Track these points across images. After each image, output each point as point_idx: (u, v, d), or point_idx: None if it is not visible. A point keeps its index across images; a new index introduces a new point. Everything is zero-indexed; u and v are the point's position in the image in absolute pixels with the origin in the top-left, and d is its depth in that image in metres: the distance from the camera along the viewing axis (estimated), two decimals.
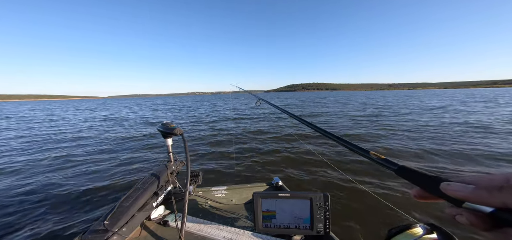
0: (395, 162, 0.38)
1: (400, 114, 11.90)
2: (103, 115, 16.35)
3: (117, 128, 9.51)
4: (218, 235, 1.01)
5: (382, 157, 0.42)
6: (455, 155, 4.43)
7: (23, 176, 3.71)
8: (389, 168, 0.38)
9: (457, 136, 6.09)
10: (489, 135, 6.09)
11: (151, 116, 14.60)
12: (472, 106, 15.61)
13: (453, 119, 9.25)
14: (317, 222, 0.92)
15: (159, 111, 20.06)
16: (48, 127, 10.08)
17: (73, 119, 13.49)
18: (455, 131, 6.79)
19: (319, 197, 0.93)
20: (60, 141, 6.87)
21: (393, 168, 0.37)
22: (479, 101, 20.94)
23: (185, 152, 1.19)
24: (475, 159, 4.17)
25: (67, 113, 19.43)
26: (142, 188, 1.08)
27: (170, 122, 1.25)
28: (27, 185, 3.27)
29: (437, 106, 16.40)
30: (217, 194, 1.40)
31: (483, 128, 7.02)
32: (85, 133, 8.23)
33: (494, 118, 9.13)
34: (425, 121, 8.89)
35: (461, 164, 3.94)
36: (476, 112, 11.75)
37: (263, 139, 6.42)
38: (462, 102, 19.49)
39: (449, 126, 7.69)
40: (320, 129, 0.75)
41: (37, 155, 5.11)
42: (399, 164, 0.36)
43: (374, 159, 0.44)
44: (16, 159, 4.78)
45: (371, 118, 10.54)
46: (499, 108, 13.23)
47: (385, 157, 0.41)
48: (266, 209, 0.98)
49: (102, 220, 0.89)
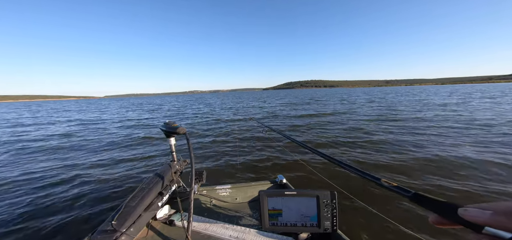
0: (408, 189, 0.38)
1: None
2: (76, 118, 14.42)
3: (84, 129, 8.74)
4: (224, 234, 1.01)
5: (394, 184, 0.43)
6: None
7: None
8: (403, 195, 0.38)
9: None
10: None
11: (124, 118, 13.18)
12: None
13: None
14: (324, 220, 0.92)
15: (139, 110, 18.79)
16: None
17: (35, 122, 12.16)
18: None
19: (326, 194, 0.93)
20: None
21: (407, 195, 0.37)
22: (487, 96, 20.17)
23: (189, 151, 1.18)
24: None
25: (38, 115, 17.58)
26: (147, 188, 1.07)
27: (173, 122, 1.24)
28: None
29: (453, 101, 15.64)
30: (222, 193, 1.40)
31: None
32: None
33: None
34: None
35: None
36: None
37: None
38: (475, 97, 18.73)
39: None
40: (332, 159, 0.77)
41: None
42: (412, 191, 0.36)
43: (386, 186, 0.45)
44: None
45: (407, 122, 7.94)
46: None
47: (397, 184, 0.42)
48: (272, 208, 0.98)
49: (110, 220, 0.88)
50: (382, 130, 6.73)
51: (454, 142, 4.88)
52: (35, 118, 15.11)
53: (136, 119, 12.75)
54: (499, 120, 7.42)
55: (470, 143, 4.79)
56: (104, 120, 12.71)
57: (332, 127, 7.58)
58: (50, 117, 15.57)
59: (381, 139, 5.48)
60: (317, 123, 8.61)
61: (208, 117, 12.41)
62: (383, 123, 7.86)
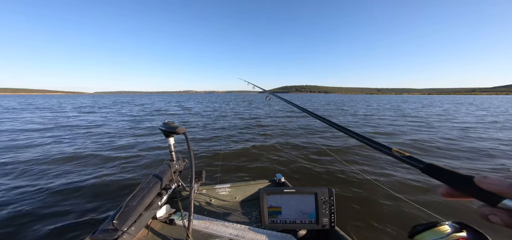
0: (421, 160, 0.36)
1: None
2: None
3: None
4: (225, 232, 1.03)
5: (406, 154, 0.41)
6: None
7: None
8: (415, 166, 0.37)
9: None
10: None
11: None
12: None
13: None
14: (322, 216, 0.95)
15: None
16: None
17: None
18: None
19: (323, 192, 0.96)
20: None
21: (419, 166, 0.35)
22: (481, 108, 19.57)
23: (189, 150, 1.19)
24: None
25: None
26: (147, 188, 1.07)
27: (172, 121, 1.25)
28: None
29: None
30: (221, 192, 1.41)
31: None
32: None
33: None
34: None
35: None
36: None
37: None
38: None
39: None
40: (341, 127, 0.70)
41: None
42: (425, 162, 0.34)
43: (397, 156, 0.42)
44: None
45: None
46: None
47: (409, 154, 0.40)
48: (271, 205, 1.00)
49: (111, 219, 0.88)
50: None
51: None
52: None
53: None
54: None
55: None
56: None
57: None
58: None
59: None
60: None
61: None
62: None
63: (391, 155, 0.44)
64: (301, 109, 1.18)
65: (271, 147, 5.27)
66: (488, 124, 9.28)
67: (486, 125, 8.86)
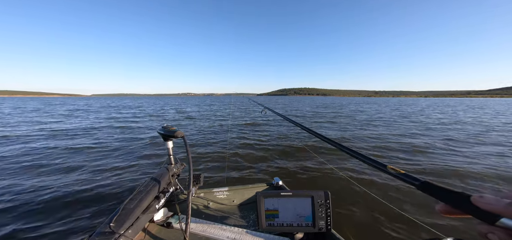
0: (417, 177, 0.35)
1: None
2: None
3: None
4: (222, 235, 1.03)
5: (401, 171, 0.40)
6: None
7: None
8: (410, 184, 0.36)
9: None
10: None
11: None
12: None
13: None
14: (319, 219, 0.96)
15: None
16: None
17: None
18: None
19: (320, 195, 0.97)
20: None
21: (415, 183, 0.35)
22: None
23: (187, 154, 1.19)
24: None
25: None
26: (145, 191, 1.07)
27: (171, 125, 1.26)
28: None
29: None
30: (219, 195, 1.41)
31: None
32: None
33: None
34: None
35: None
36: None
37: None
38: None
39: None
40: (336, 143, 0.70)
41: None
42: (421, 180, 0.34)
43: (392, 173, 0.42)
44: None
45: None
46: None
47: (404, 172, 0.39)
48: (268, 208, 1.01)
49: (108, 222, 0.88)
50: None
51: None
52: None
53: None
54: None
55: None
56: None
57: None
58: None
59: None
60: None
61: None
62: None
63: (386, 172, 0.44)
64: (298, 125, 1.20)
65: (268, 150, 5.29)
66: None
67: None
